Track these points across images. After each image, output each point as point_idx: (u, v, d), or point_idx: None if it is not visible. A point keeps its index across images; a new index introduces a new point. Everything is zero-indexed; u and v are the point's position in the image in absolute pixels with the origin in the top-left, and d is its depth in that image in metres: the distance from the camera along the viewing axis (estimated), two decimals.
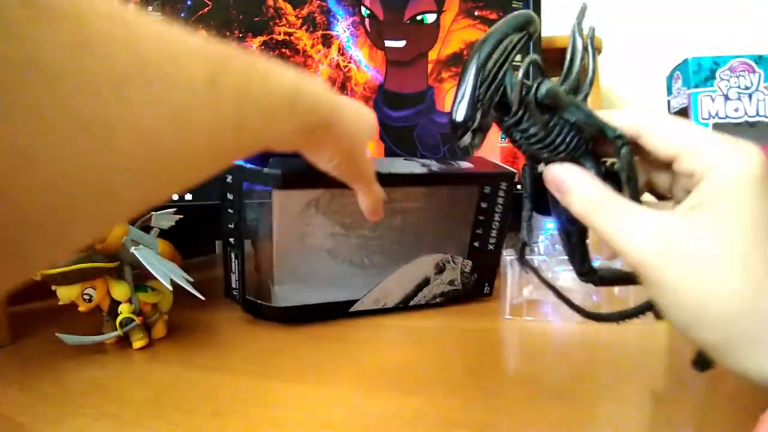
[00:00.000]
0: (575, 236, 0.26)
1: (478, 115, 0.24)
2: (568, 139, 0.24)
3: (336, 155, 0.29)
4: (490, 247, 0.49)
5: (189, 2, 0.50)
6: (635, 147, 0.24)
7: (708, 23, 0.80)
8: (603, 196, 0.23)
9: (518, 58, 0.25)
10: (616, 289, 0.46)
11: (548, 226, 0.75)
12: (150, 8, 0.49)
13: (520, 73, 0.24)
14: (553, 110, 0.24)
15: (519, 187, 0.32)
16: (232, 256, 0.46)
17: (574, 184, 0.24)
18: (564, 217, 0.26)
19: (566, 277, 0.46)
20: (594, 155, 0.25)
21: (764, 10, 0.79)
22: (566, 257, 0.27)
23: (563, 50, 0.27)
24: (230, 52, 0.19)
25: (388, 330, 0.44)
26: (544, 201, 0.27)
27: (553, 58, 0.75)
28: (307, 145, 0.28)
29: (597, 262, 0.27)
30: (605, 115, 0.24)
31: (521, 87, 0.24)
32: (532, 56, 0.24)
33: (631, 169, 0.24)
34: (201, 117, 0.18)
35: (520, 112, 0.24)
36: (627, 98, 0.86)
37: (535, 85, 0.24)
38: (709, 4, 0.81)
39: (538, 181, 0.26)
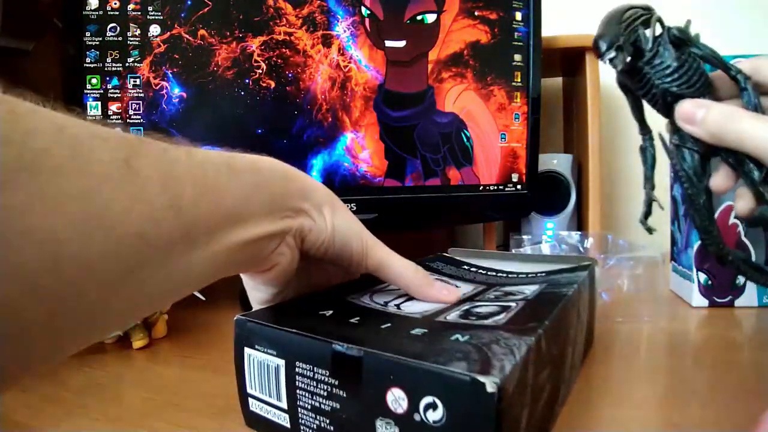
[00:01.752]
0: (704, 195, 0.31)
1: (622, 39, 0.28)
2: (696, 76, 0.29)
3: (323, 208, 0.27)
4: None
5: (189, 2, 0.50)
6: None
7: (708, 23, 0.80)
8: (736, 110, 0.28)
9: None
10: (625, 286, 0.47)
11: (548, 226, 0.75)
12: (150, 8, 0.49)
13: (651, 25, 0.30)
14: (683, 46, 0.29)
15: (519, 187, 0.33)
16: None
17: (709, 106, 0.29)
18: (690, 172, 0.31)
19: None
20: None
21: (764, 11, 0.79)
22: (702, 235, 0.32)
23: (563, 50, 0.27)
24: (142, 138, 0.18)
25: None
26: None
27: (553, 58, 0.75)
28: (284, 216, 0.25)
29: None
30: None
31: (656, 25, 0.30)
32: (658, 14, 0.30)
33: (758, 96, 0.29)
34: (121, 205, 0.16)
35: (655, 48, 0.29)
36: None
37: (666, 27, 0.30)
38: (709, 4, 0.81)
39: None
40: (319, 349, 0.22)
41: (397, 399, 0.19)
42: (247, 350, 0.25)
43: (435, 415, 0.18)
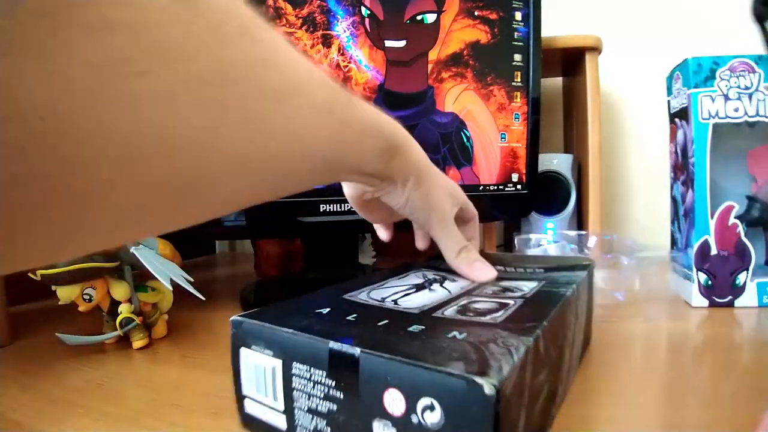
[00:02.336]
0: None
1: None
2: None
3: (408, 182, 0.31)
4: None
5: None
6: None
7: (708, 23, 0.80)
8: None
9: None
10: (637, 285, 0.47)
11: (548, 226, 0.75)
12: None
13: None
14: None
15: (519, 187, 0.33)
16: None
17: None
18: None
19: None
20: None
21: None
22: None
23: (563, 50, 0.27)
24: (338, 83, 0.22)
25: None
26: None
27: (554, 58, 0.75)
28: (385, 171, 0.29)
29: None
30: None
31: None
32: None
33: None
34: (314, 138, 0.20)
35: None
36: (627, 98, 0.86)
37: None
38: (709, 4, 0.81)
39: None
40: (315, 349, 0.21)
41: (394, 400, 0.19)
42: (243, 351, 0.24)
43: (433, 417, 0.18)
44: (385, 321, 0.24)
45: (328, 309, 0.26)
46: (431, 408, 0.18)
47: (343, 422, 0.21)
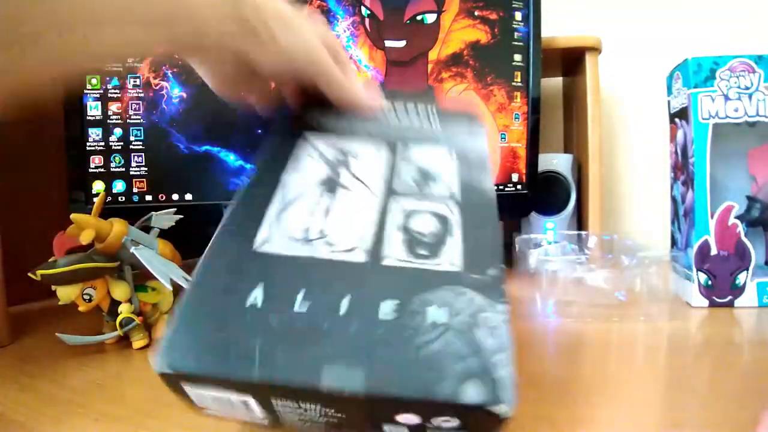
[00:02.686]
0: None
1: None
2: None
3: (274, 29, 0.27)
4: None
5: None
6: None
7: (708, 23, 0.80)
8: None
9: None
10: (637, 285, 0.47)
11: (548, 226, 0.75)
12: None
13: None
14: None
15: (519, 187, 0.32)
16: None
17: None
18: None
19: (594, 277, 0.46)
20: None
21: (764, 10, 0.79)
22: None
23: (563, 50, 0.27)
24: None
25: None
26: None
27: (554, 58, 0.75)
28: (240, 26, 0.26)
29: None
30: None
31: None
32: None
33: None
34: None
35: None
36: (627, 98, 0.86)
37: None
38: (709, 4, 0.81)
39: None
40: (298, 387, 0.18)
41: (407, 418, 0.19)
42: (192, 390, 0.19)
43: (449, 424, 0.18)
44: (345, 305, 0.20)
45: (256, 296, 0.20)
46: (447, 420, 0.18)
47: (349, 422, 0.20)
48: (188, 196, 0.55)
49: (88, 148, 0.52)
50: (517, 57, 0.63)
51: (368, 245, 0.23)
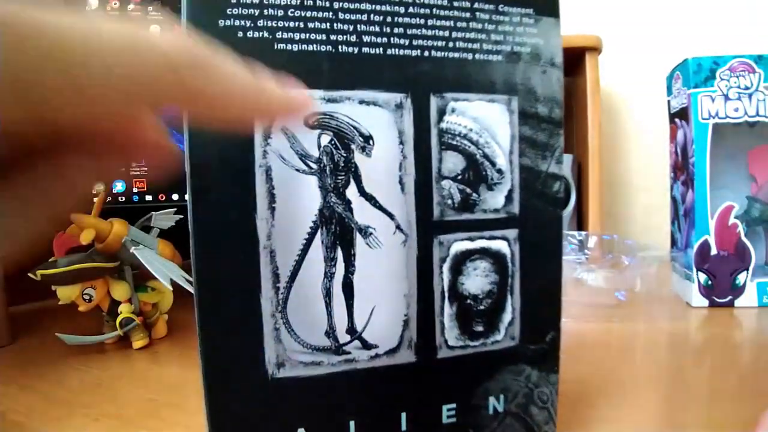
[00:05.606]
0: None
1: None
2: None
3: None
4: None
5: None
6: None
7: (708, 23, 0.80)
8: None
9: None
10: (638, 286, 0.47)
11: None
12: (150, 8, 0.49)
13: None
14: None
15: None
16: None
17: None
18: None
19: (595, 277, 0.46)
20: None
21: (764, 10, 0.79)
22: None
23: (563, 50, 0.27)
24: None
25: None
26: None
27: None
28: None
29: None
30: None
31: None
32: None
33: None
34: None
35: None
36: (627, 98, 0.86)
37: None
38: (709, 4, 0.81)
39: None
40: None
41: None
42: None
43: None
44: (404, 423, 0.16)
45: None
46: None
47: None
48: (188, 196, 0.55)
49: None
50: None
51: (413, 335, 0.17)
